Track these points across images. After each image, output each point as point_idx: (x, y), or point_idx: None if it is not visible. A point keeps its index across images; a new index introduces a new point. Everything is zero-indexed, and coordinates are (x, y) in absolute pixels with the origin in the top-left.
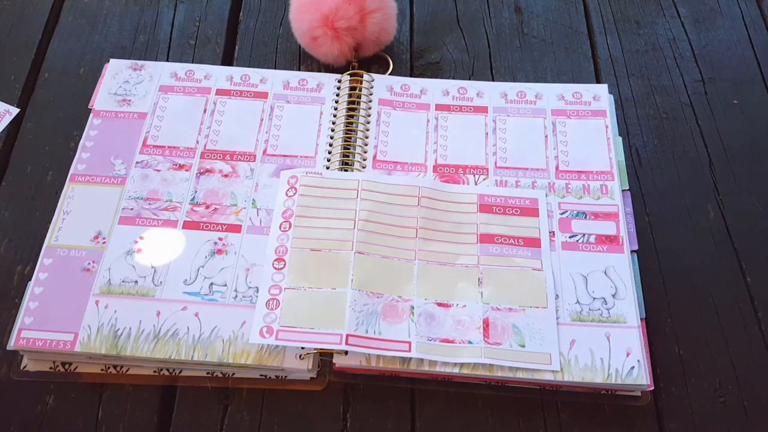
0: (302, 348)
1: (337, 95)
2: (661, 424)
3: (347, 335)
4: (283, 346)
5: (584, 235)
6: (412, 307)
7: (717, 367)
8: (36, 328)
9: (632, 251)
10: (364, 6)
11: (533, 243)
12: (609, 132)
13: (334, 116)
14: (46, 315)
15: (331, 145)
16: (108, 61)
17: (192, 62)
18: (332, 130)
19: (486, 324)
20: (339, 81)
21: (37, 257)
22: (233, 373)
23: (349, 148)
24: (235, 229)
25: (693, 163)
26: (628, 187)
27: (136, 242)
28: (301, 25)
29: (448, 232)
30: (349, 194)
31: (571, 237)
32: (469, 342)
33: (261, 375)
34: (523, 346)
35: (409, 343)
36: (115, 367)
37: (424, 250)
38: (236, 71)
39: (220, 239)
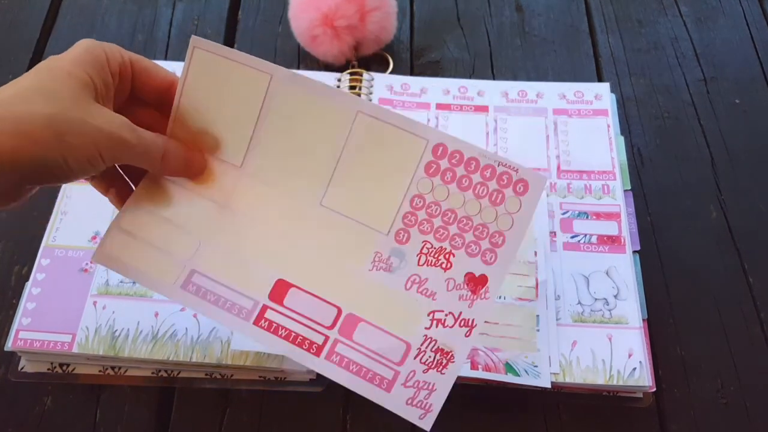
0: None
1: None
2: (663, 426)
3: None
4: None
5: (586, 235)
6: None
7: (719, 368)
8: (34, 329)
9: (634, 252)
10: (364, 4)
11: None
12: (611, 131)
13: None
14: (44, 316)
15: None
16: None
17: None
18: None
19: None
20: (339, 80)
21: (34, 258)
22: (232, 375)
23: None
24: None
25: (695, 163)
26: (630, 187)
27: None
28: (300, 23)
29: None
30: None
31: (572, 237)
32: None
33: (260, 376)
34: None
35: None
36: (113, 368)
37: None
38: None
39: None
